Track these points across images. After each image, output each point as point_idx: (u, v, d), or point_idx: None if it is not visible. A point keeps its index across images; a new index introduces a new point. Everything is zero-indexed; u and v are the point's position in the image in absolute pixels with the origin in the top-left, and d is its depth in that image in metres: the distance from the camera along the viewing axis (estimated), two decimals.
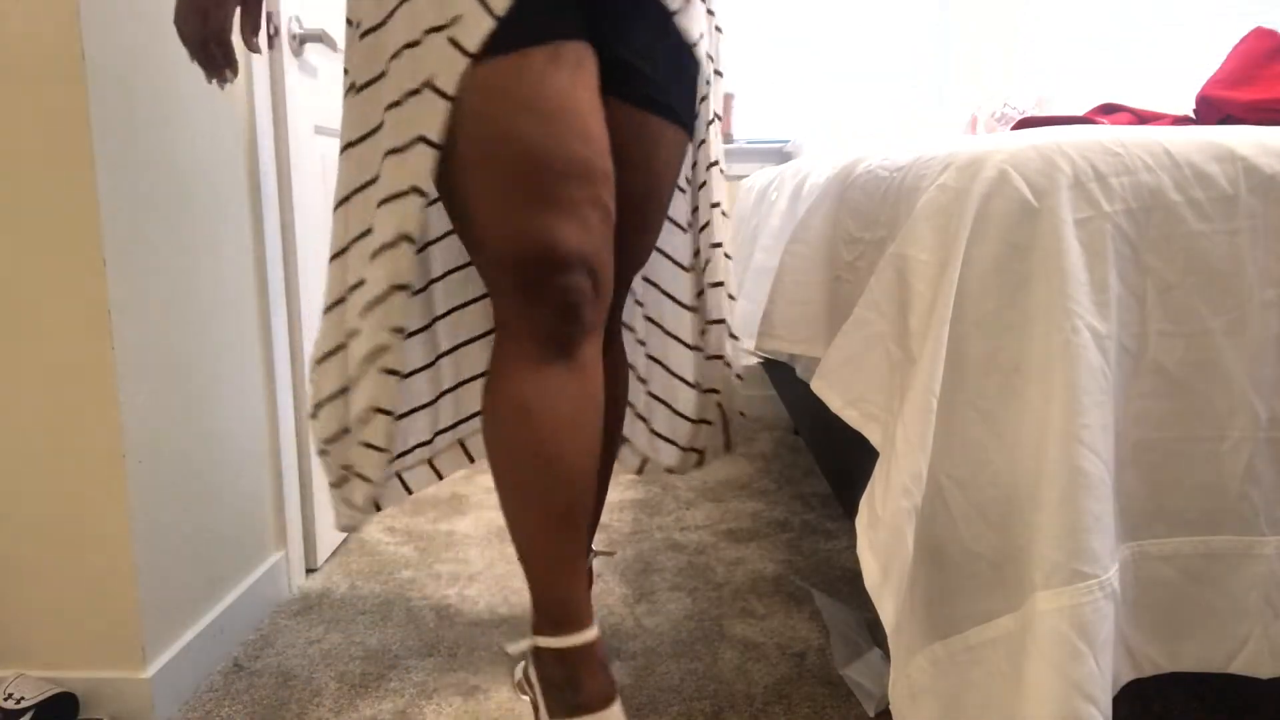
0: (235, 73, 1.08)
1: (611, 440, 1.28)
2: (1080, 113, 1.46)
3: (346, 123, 1.08)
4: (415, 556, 1.75)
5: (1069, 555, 0.77)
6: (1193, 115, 1.38)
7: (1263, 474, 0.85)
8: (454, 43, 0.94)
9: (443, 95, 0.95)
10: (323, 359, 1.14)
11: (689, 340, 1.31)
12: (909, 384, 0.83)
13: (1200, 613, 0.87)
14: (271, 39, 1.52)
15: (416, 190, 0.98)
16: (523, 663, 1.10)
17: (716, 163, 1.24)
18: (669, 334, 1.32)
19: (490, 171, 0.96)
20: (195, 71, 1.30)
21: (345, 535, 1.84)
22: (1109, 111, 1.38)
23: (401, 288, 1.03)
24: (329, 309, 1.13)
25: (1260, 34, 1.35)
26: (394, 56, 0.99)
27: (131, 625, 1.17)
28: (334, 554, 1.77)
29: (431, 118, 0.95)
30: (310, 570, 1.68)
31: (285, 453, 1.58)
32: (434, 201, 1.17)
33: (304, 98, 1.63)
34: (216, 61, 1.05)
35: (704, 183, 1.23)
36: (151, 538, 1.20)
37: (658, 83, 1.09)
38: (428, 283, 1.23)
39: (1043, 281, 0.80)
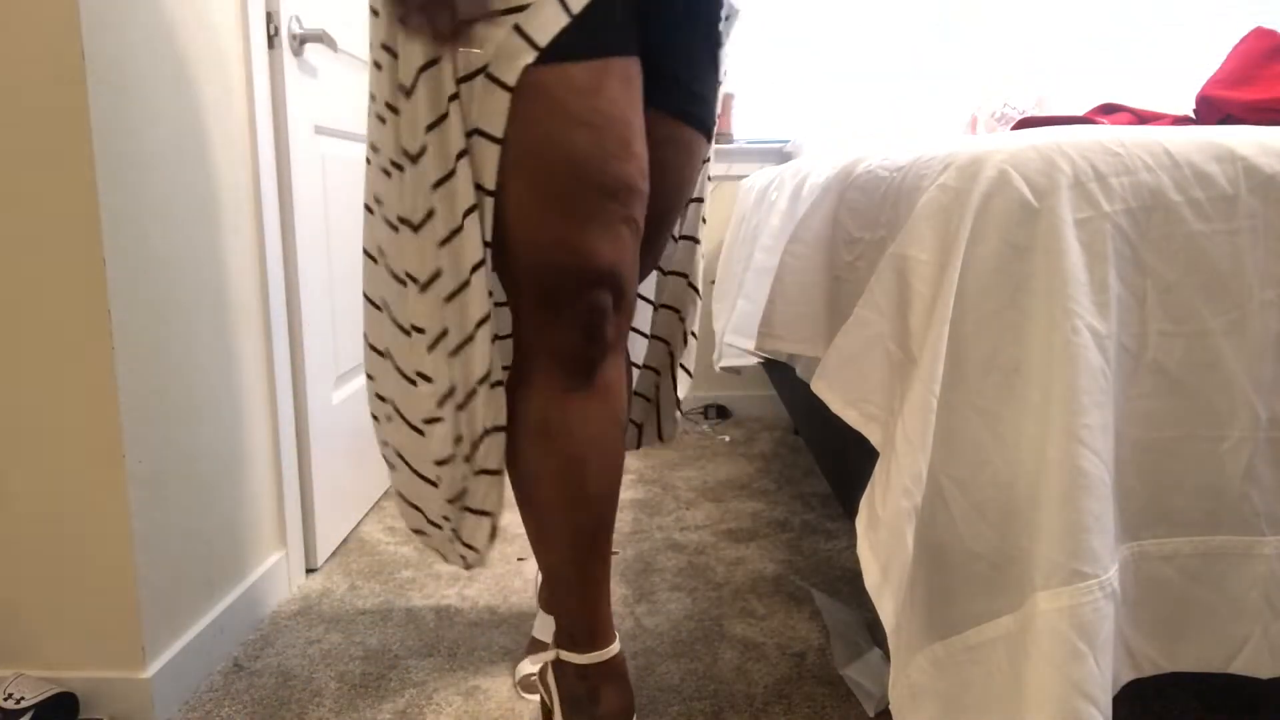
0: (459, 38, 0.91)
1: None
2: (1080, 113, 1.46)
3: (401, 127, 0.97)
4: (415, 556, 1.75)
5: (1069, 555, 0.77)
6: (1193, 115, 1.38)
7: (1263, 474, 0.85)
8: (520, 31, 0.89)
9: (503, 86, 0.90)
10: (439, 407, 1.01)
11: (643, 328, 1.30)
12: (909, 384, 0.83)
13: (1200, 613, 0.87)
14: (271, 39, 1.52)
15: (475, 209, 0.94)
16: (525, 661, 1.10)
17: (708, 159, 1.22)
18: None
19: (534, 177, 0.93)
20: (195, 71, 1.30)
21: (345, 535, 1.84)
22: (1109, 111, 1.38)
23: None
24: (434, 345, 0.99)
25: (1260, 34, 1.35)
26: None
27: (131, 625, 1.17)
28: (334, 554, 1.77)
29: (493, 111, 0.91)
30: (310, 570, 1.68)
31: (285, 453, 1.58)
32: None
33: (304, 98, 1.63)
34: (450, 33, 0.90)
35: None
36: (151, 538, 1.20)
37: (695, 94, 1.08)
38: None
39: (1043, 281, 0.80)
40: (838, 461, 1.34)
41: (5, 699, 1.11)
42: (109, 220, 1.10)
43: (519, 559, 1.73)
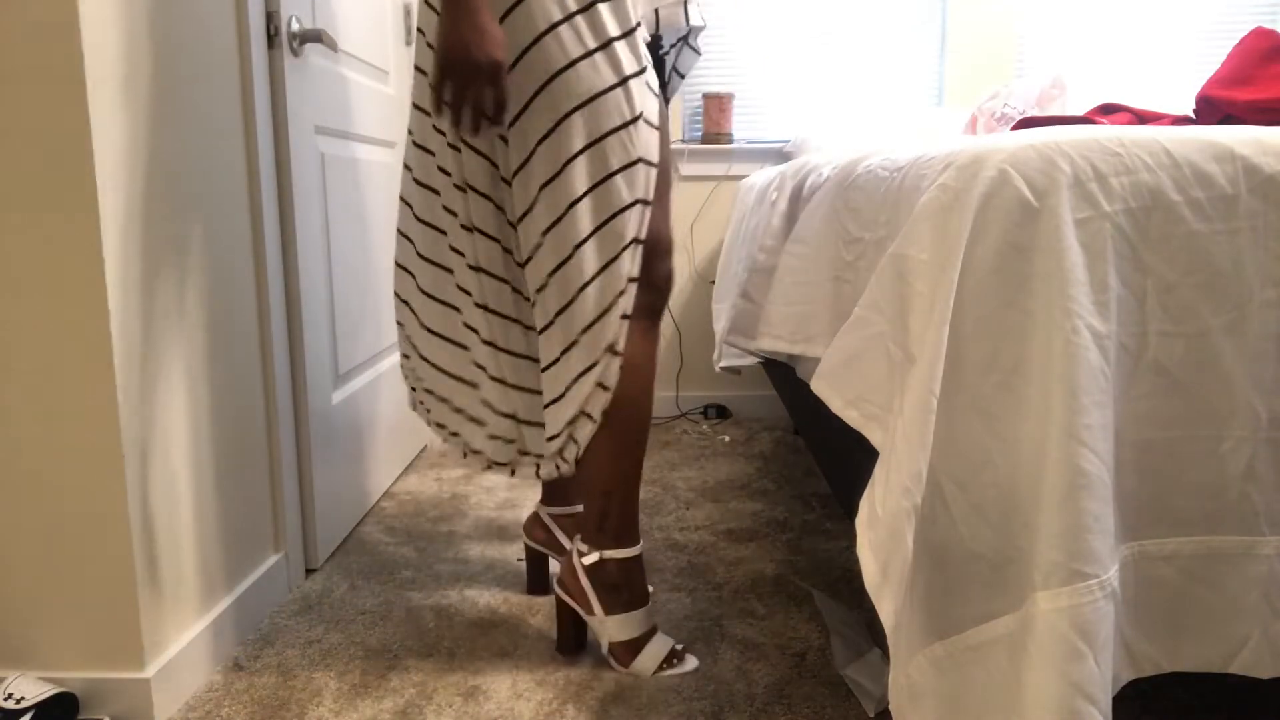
0: (499, 121, 1.18)
1: None
2: (1080, 113, 1.46)
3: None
4: (415, 556, 1.75)
5: (1069, 555, 0.77)
6: (1193, 115, 1.38)
7: (1263, 474, 0.85)
8: (651, 88, 1.28)
9: (654, 127, 1.28)
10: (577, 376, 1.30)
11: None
12: (909, 384, 0.83)
13: (1200, 613, 0.87)
14: (271, 39, 1.52)
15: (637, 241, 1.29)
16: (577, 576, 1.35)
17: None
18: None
19: (662, 183, 1.32)
20: (194, 71, 1.30)
21: (345, 535, 1.84)
22: (1109, 111, 1.38)
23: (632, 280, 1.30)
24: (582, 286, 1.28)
25: (1260, 34, 1.35)
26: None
27: (131, 625, 1.17)
28: (334, 554, 1.77)
29: (649, 144, 1.27)
30: (310, 570, 1.68)
31: (285, 453, 1.58)
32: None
33: (304, 98, 1.63)
34: (486, 103, 1.14)
35: None
36: (151, 538, 1.20)
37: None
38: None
39: (1043, 281, 0.80)
40: (838, 461, 1.34)
41: (5, 699, 1.11)
42: (109, 220, 1.10)
43: (519, 559, 1.73)
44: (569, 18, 1.19)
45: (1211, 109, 1.34)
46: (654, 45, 1.42)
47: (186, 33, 1.28)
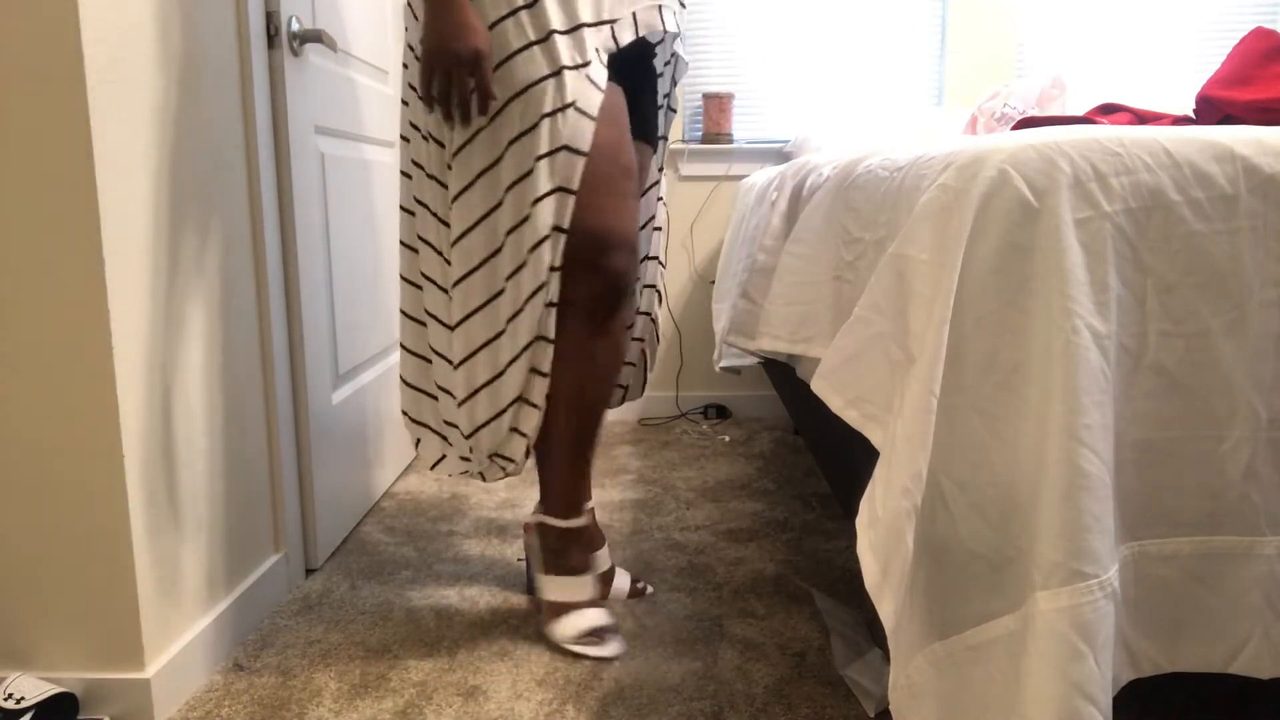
0: (484, 113, 1.27)
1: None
2: (1080, 113, 1.46)
3: (469, 158, 1.32)
4: (415, 556, 1.75)
5: (1069, 555, 0.77)
6: (1193, 115, 1.38)
7: (1263, 474, 0.85)
8: (592, 80, 1.30)
9: (588, 116, 1.30)
10: (468, 358, 1.38)
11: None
12: (909, 384, 0.83)
13: (1200, 613, 0.87)
14: (271, 39, 1.52)
15: (558, 229, 1.30)
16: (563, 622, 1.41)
17: (663, 167, 1.62)
18: None
19: (597, 170, 1.30)
20: (194, 70, 1.30)
21: (345, 535, 1.84)
22: (1109, 111, 1.38)
23: (551, 305, 1.33)
24: (468, 317, 1.37)
25: (1260, 34, 1.35)
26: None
27: (131, 625, 1.17)
28: (334, 554, 1.77)
29: (582, 132, 1.29)
30: (310, 570, 1.68)
31: (284, 453, 1.58)
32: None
33: (304, 97, 1.63)
34: (466, 111, 1.25)
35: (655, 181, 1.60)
36: (151, 538, 1.20)
37: (647, 119, 1.49)
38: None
39: (1043, 281, 0.80)
40: (838, 461, 1.34)
41: (5, 699, 1.11)
42: (109, 220, 1.10)
43: (519, 559, 1.73)
44: (513, 12, 1.27)
45: (1211, 109, 1.34)
46: (640, 47, 1.43)
47: (187, 33, 1.28)
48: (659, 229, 1.62)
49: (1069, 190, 0.80)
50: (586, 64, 1.28)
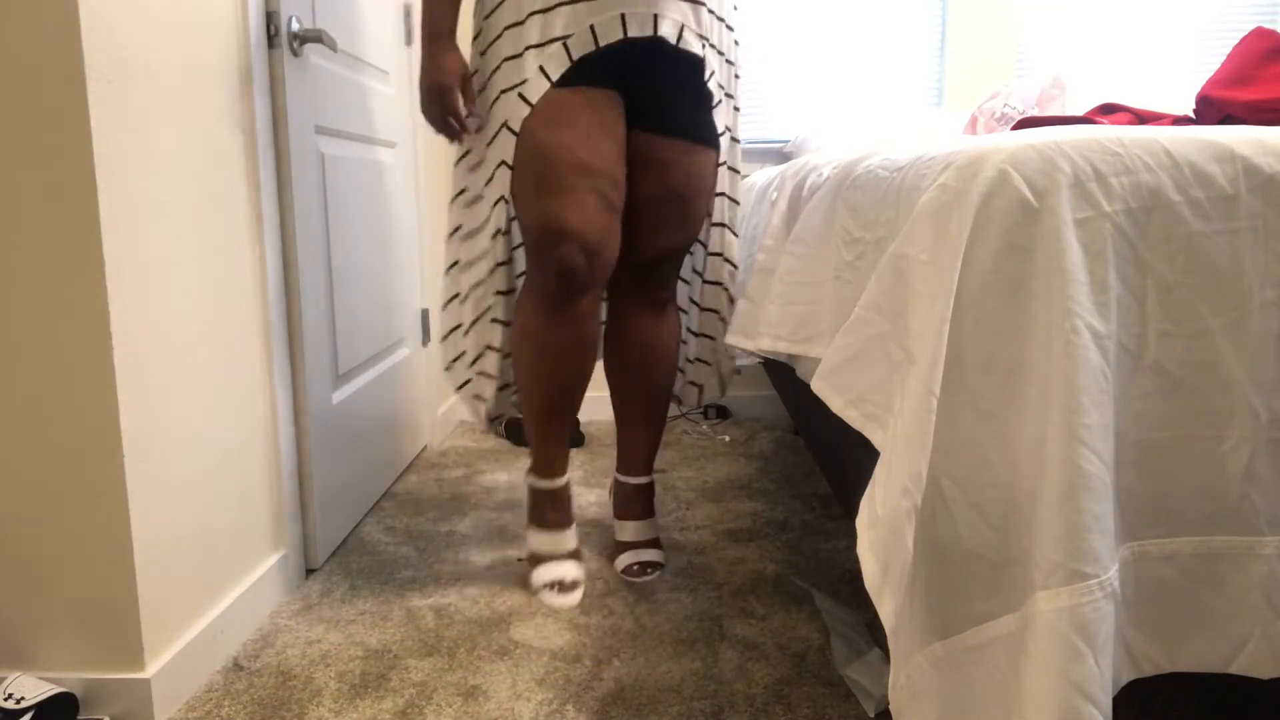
0: (469, 130, 1.55)
1: (660, 384, 1.70)
2: (1080, 113, 1.46)
3: (470, 149, 1.62)
4: (415, 556, 1.75)
5: (1069, 555, 0.77)
6: (1193, 115, 1.38)
7: (1263, 474, 0.85)
8: (521, 97, 1.45)
9: (512, 132, 1.46)
10: (446, 303, 1.70)
11: (695, 298, 1.78)
12: (909, 384, 0.83)
13: (1200, 613, 0.87)
14: (271, 39, 1.52)
15: (504, 199, 1.53)
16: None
17: (723, 162, 1.66)
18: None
19: (530, 163, 1.44)
20: (194, 70, 1.30)
21: (345, 535, 1.84)
22: (1109, 111, 1.38)
23: (501, 264, 1.61)
24: (449, 269, 1.69)
25: (1260, 34, 1.35)
26: (491, 104, 1.52)
27: (131, 625, 1.17)
28: (334, 554, 1.77)
29: (508, 148, 1.47)
30: (310, 570, 1.68)
31: (285, 453, 1.58)
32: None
33: (304, 97, 1.63)
34: (454, 130, 1.53)
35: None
36: (151, 538, 1.20)
37: (678, 118, 1.52)
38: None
39: (1043, 281, 0.80)
40: (838, 461, 1.34)
41: (5, 699, 1.11)
42: (109, 220, 1.10)
43: (519, 559, 1.73)
44: (507, 29, 1.48)
45: (1211, 109, 1.34)
46: (623, 48, 1.45)
47: (187, 33, 1.28)
48: (720, 225, 1.68)
49: (1069, 190, 0.80)
50: (522, 83, 1.45)
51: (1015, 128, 1.31)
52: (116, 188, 1.12)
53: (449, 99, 1.48)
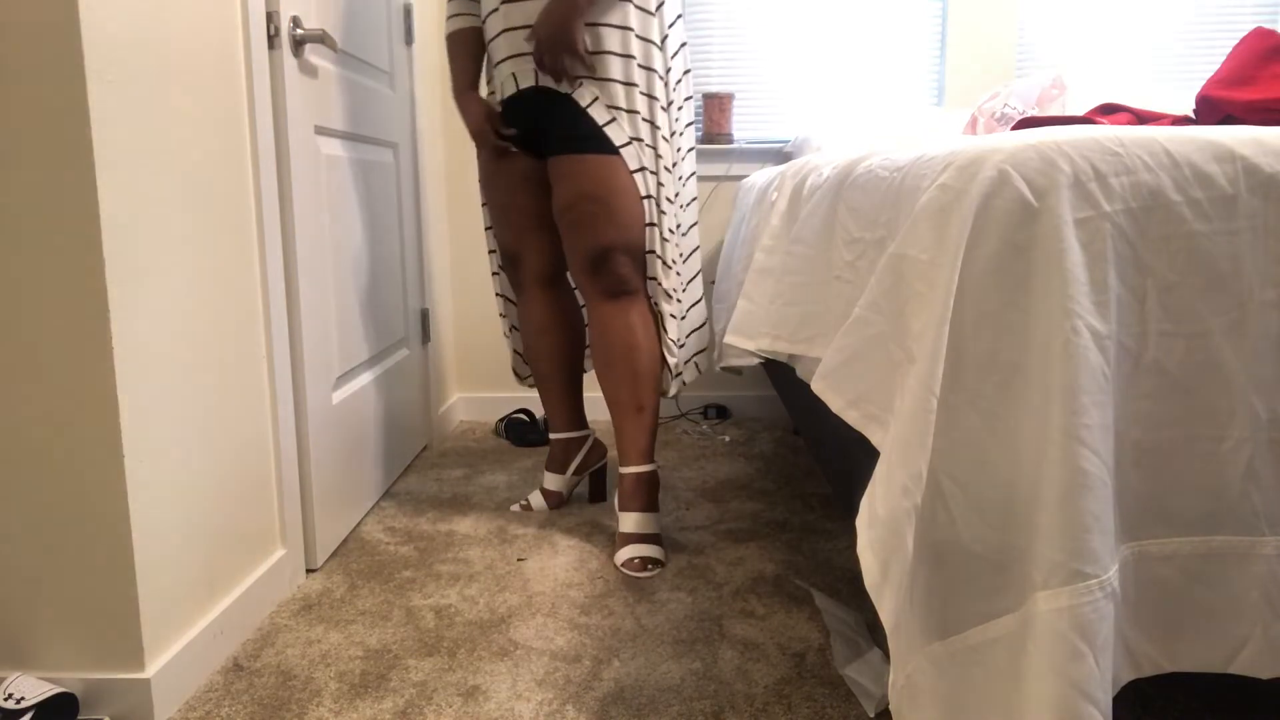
0: (505, 139, 1.81)
1: (633, 373, 1.81)
2: (1080, 113, 1.46)
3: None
4: (415, 556, 1.75)
5: (1069, 555, 0.77)
6: (1193, 115, 1.38)
7: (1263, 474, 0.85)
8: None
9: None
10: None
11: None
12: (909, 384, 0.83)
13: (1200, 613, 0.87)
14: (272, 39, 1.52)
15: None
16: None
17: (642, 167, 1.75)
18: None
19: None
20: (195, 71, 1.30)
21: (345, 535, 1.84)
22: (1109, 111, 1.38)
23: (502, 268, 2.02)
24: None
25: (1260, 34, 1.35)
26: None
27: (131, 625, 1.17)
28: (334, 554, 1.77)
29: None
30: (310, 570, 1.68)
31: (285, 452, 1.58)
32: None
33: (304, 98, 1.63)
34: (489, 138, 1.80)
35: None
36: (151, 538, 1.20)
37: (561, 138, 1.71)
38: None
39: (1043, 281, 0.80)
40: (838, 461, 1.34)
41: (5, 699, 1.11)
42: (109, 220, 1.10)
43: (519, 559, 1.73)
44: None
45: (1211, 109, 1.34)
46: (513, 99, 1.81)
47: (187, 33, 1.28)
48: (647, 197, 1.75)
49: (1069, 190, 0.80)
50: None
51: (1015, 128, 1.31)
52: (116, 188, 1.12)
53: (488, 139, 1.80)
